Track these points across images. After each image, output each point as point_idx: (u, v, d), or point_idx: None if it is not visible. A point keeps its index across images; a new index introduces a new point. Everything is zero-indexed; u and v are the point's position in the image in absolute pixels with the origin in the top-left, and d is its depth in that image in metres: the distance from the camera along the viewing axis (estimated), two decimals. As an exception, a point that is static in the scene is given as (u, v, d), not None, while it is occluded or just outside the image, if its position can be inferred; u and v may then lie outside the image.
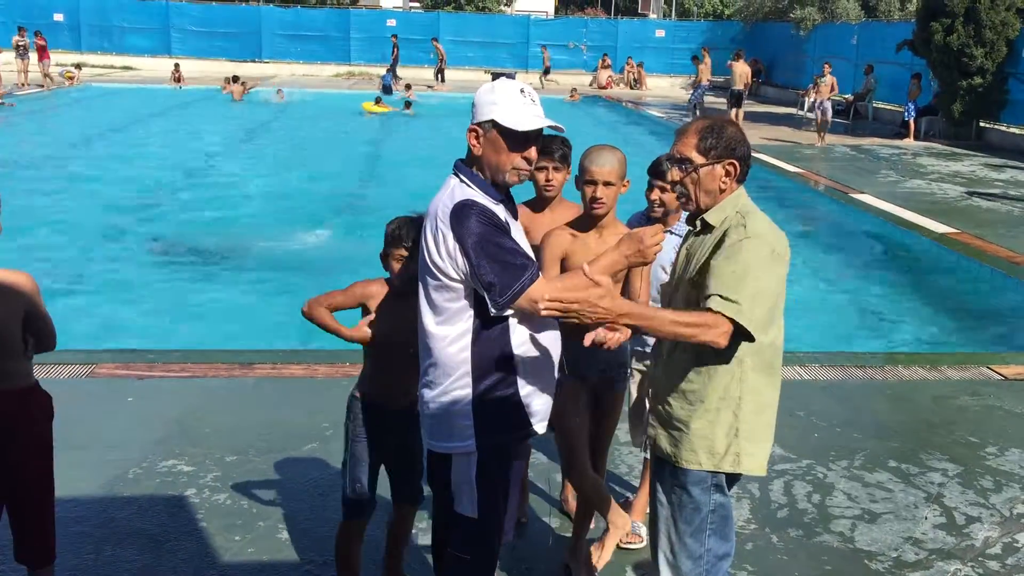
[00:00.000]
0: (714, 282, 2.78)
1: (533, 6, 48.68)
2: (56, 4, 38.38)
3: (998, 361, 7.16)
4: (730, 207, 2.95)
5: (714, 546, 3.01)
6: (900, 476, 5.10)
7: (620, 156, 3.63)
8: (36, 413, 3.44)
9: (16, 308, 3.30)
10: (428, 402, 3.02)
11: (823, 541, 4.42)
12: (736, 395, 2.91)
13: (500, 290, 2.80)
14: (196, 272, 10.31)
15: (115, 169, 15.89)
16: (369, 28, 37.80)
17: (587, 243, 3.61)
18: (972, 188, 15.33)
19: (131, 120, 22.51)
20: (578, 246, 3.59)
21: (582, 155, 3.66)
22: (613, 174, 3.57)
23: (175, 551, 4.17)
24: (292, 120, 23.84)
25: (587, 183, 3.60)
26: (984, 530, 4.56)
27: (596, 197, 3.57)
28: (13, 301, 3.29)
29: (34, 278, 3.39)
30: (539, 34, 38.62)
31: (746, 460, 2.98)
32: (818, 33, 31.17)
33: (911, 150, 20.18)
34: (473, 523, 3.02)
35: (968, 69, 20.61)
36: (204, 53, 34.22)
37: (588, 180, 3.59)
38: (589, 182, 3.59)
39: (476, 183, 2.93)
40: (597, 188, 3.57)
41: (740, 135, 2.97)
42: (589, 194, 3.60)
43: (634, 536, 4.30)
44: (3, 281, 3.28)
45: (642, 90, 35.52)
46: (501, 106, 2.88)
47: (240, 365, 6.44)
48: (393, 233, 3.55)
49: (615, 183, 3.59)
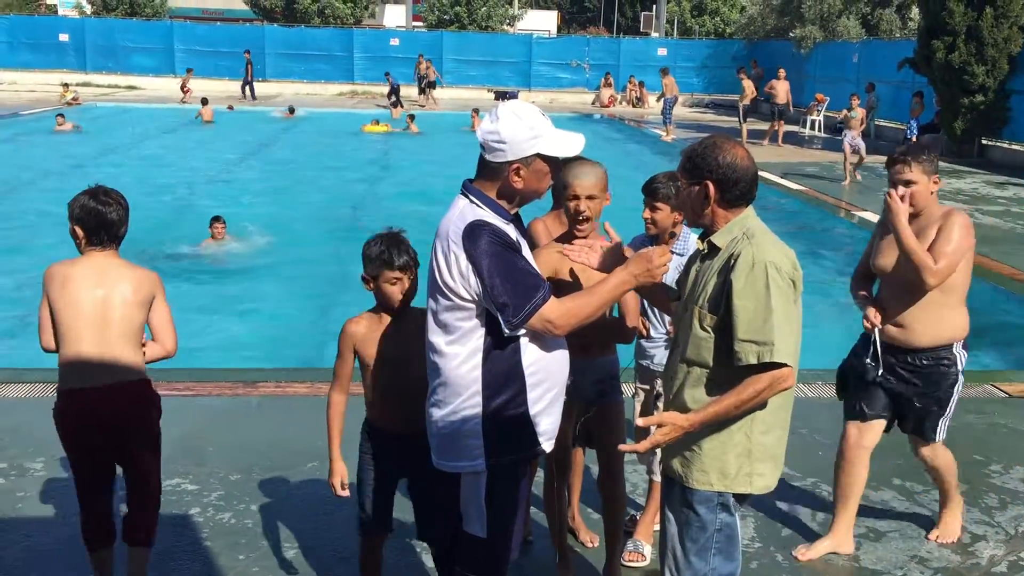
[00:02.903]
0: (742, 326, 2.81)
1: (536, 25, 48.98)
2: (61, 24, 38.68)
3: (1002, 379, 7.15)
4: (737, 228, 2.95)
5: (719, 565, 3.01)
6: (904, 494, 5.09)
7: (600, 170, 3.64)
8: (151, 408, 3.67)
9: (142, 300, 3.56)
10: (437, 421, 3.02)
11: (828, 560, 4.40)
12: (749, 417, 2.92)
13: (514, 310, 2.82)
14: (200, 291, 10.33)
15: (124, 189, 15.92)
16: (372, 47, 37.96)
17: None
18: (975, 205, 15.34)
19: (136, 139, 22.60)
20: (567, 263, 3.58)
21: (563, 170, 3.66)
22: (595, 187, 3.59)
23: (180, 569, 4.17)
24: (302, 136, 23.93)
25: (570, 198, 3.61)
26: (990, 548, 4.55)
27: (580, 211, 3.59)
28: (140, 293, 3.56)
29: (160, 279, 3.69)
30: (542, 53, 38.78)
31: (757, 480, 2.99)
32: (819, 52, 31.28)
33: (913, 168, 20.15)
34: (482, 543, 3.03)
35: (970, 87, 20.65)
36: (208, 72, 34.37)
37: (571, 195, 3.60)
38: (572, 197, 3.60)
39: (486, 203, 2.95)
40: (580, 202, 3.59)
41: (728, 158, 2.91)
42: (573, 208, 3.61)
43: (636, 554, 4.30)
44: (132, 275, 3.57)
45: (644, 108, 35.63)
46: (545, 137, 2.91)
47: (244, 384, 6.45)
48: (380, 256, 3.41)
49: (598, 196, 3.61)
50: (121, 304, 3.51)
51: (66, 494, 4.78)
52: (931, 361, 4.17)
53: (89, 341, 3.47)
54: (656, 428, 2.92)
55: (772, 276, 2.82)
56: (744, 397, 2.84)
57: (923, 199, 4.07)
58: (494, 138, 2.91)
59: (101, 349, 3.47)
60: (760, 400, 2.86)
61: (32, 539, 4.38)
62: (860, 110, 17.89)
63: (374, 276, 3.44)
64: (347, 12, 43.66)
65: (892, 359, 4.22)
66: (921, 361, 4.18)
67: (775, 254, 2.88)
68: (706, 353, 2.93)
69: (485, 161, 2.97)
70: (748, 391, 2.83)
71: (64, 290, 3.48)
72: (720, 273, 2.91)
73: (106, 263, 3.55)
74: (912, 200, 4.06)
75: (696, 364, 2.95)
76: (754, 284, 2.82)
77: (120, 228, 3.58)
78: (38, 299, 3.60)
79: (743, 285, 2.83)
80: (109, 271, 3.53)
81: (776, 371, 2.81)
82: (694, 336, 2.96)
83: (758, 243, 2.89)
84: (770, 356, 2.79)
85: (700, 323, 2.93)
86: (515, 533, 3.13)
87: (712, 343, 2.91)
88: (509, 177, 2.92)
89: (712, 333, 2.91)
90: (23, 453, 5.24)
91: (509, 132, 2.88)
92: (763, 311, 2.80)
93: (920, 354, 4.17)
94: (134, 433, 3.62)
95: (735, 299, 2.83)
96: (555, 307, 2.88)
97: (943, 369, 4.18)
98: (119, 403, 3.51)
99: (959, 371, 4.22)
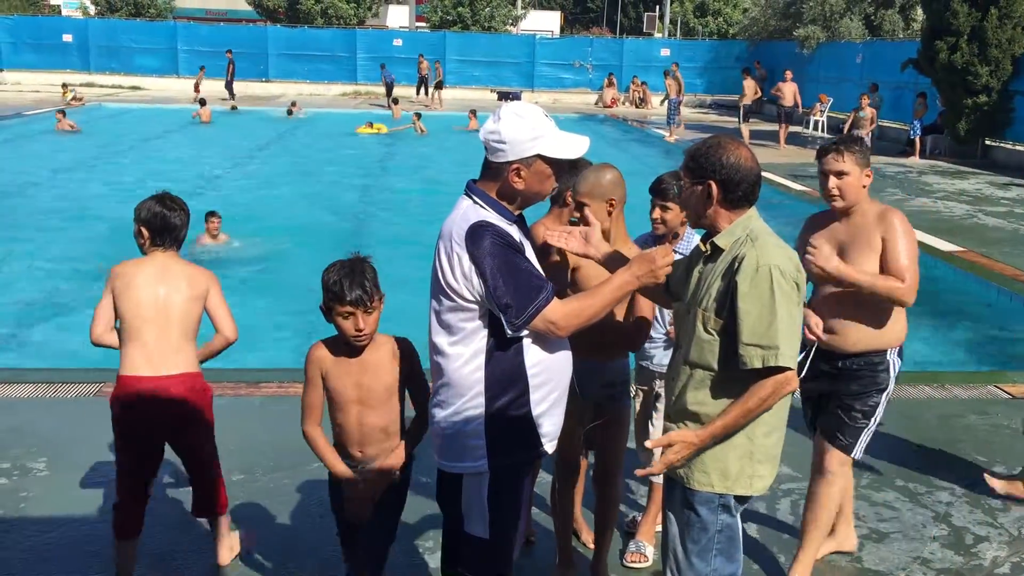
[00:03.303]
0: (746, 330, 2.82)
1: (539, 25, 48.98)
2: (65, 25, 38.75)
3: (1005, 380, 7.14)
4: (740, 230, 2.95)
5: (720, 566, 3.01)
6: (907, 495, 5.09)
7: (603, 177, 3.61)
8: (204, 399, 3.93)
9: (198, 295, 3.84)
10: (439, 421, 3.02)
11: (830, 560, 4.40)
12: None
13: (516, 311, 2.82)
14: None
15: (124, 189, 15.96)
16: (375, 48, 37.97)
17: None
18: (978, 206, 15.33)
19: (140, 139, 22.64)
20: (587, 260, 3.61)
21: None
22: (589, 195, 3.59)
23: (183, 569, 4.18)
24: (302, 136, 23.95)
25: (579, 205, 3.64)
26: (992, 549, 4.54)
27: (573, 215, 3.69)
28: (197, 288, 3.84)
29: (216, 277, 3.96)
30: (545, 53, 38.80)
31: (757, 482, 2.99)
32: (822, 52, 31.24)
33: (917, 168, 20.18)
34: (484, 543, 3.03)
35: (973, 87, 20.64)
36: (211, 73, 34.41)
37: (579, 202, 3.63)
38: (580, 204, 3.63)
39: (489, 204, 2.95)
40: (574, 207, 3.67)
41: (731, 158, 2.91)
42: (569, 211, 3.72)
43: (638, 555, 4.31)
44: (190, 273, 3.88)
45: (647, 109, 35.63)
46: (546, 138, 2.91)
47: (246, 384, 6.46)
48: (331, 287, 3.16)
49: (593, 203, 3.60)
50: (180, 300, 3.81)
51: (69, 495, 4.80)
52: (862, 365, 3.92)
53: (150, 335, 3.76)
54: (666, 447, 2.93)
55: (776, 280, 2.82)
56: (750, 406, 2.85)
57: (854, 191, 3.86)
58: (495, 138, 2.91)
59: (160, 342, 3.76)
60: (766, 407, 2.87)
61: (35, 539, 4.38)
62: (870, 109, 17.66)
63: (327, 308, 3.21)
64: (350, 12, 43.69)
65: (824, 365, 4.00)
66: (852, 365, 3.94)
67: (779, 257, 2.87)
68: (709, 355, 2.93)
69: (488, 161, 2.97)
70: (753, 400, 2.84)
71: (129, 288, 3.77)
72: (724, 276, 2.90)
73: (167, 262, 3.86)
74: (843, 192, 3.85)
75: (699, 366, 2.95)
76: (758, 288, 2.82)
77: (181, 231, 3.90)
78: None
79: (747, 289, 2.82)
80: (170, 269, 3.84)
81: (779, 375, 2.82)
82: (697, 338, 2.95)
83: (762, 245, 2.88)
84: (774, 360, 2.79)
85: (704, 326, 2.93)
86: (517, 534, 3.13)
87: (715, 346, 2.91)
88: (509, 177, 2.92)
89: (716, 336, 2.91)
90: (26, 453, 5.25)
91: (510, 132, 2.88)
92: (767, 315, 2.80)
93: (852, 358, 3.94)
94: (189, 422, 3.88)
95: (740, 303, 2.83)
96: (558, 308, 2.89)
97: (874, 374, 3.93)
98: (174, 393, 3.76)
99: (891, 378, 3.97)
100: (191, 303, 3.83)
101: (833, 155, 3.87)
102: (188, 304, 3.82)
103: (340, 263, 3.22)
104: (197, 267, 3.96)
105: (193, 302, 3.84)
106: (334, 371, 3.30)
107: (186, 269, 3.90)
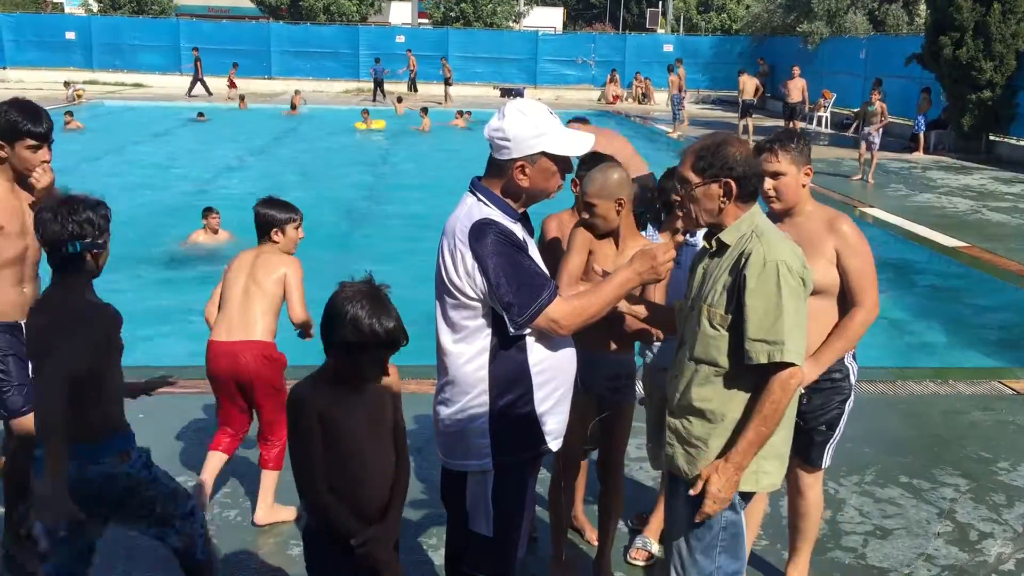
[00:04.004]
0: (753, 325, 2.81)
1: (541, 22, 48.90)
2: (68, 22, 38.77)
3: (1010, 375, 7.14)
4: (745, 226, 2.94)
5: (724, 563, 3.00)
6: (912, 491, 5.08)
7: (610, 178, 3.60)
8: (272, 364, 4.51)
9: (277, 279, 4.53)
10: (444, 420, 3.02)
11: (835, 557, 4.40)
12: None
13: (519, 310, 2.82)
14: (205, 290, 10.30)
15: (126, 187, 15.97)
16: (378, 44, 37.96)
17: (605, 251, 3.68)
18: (982, 202, 15.30)
19: (142, 138, 22.65)
20: (597, 247, 3.67)
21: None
22: (596, 195, 3.60)
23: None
24: (303, 133, 23.94)
25: (587, 206, 3.66)
26: (997, 546, 4.53)
27: (580, 213, 3.76)
28: (275, 273, 4.54)
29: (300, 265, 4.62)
30: (548, 50, 38.76)
31: (763, 479, 2.98)
32: (826, 47, 31.20)
33: (921, 164, 20.16)
34: (488, 542, 3.03)
35: (977, 83, 20.61)
36: (214, 70, 34.42)
37: (588, 203, 3.65)
38: (588, 205, 3.65)
39: (494, 202, 2.94)
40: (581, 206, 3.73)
41: (740, 154, 2.91)
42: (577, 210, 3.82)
43: (642, 551, 4.30)
44: (274, 260, 4.59)
45: (650, 105, 35.59)
46: (550, 135, 2.90)
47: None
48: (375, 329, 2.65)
49: (599, 204, 3.62)
50: (262, 281, 4.53)
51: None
52: (823, 380, 3.67)
53: (231, 307, 4.54)
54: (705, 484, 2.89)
55: (783, 275, 2.81)
56: (765, 413, 2.84)
57: (792, 192, 3.61)
58: (499, 135, 2.90)
59: (241, 315, 4.51)
60: (782, 407, 2.85)
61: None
62: (881, 104, 17.51)
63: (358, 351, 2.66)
64: (353, 9, 43.68)
65: None
66: (815, 383, 3.66)
67: (786, 252, 2.87)
68: (715, 351, 2.92)
69: (493, 159, 2.97)
70: (766, 406, 2.83)
71: (229, 271, 4.66)
72: (731, 271, 2.90)
73: (262, 252, 4.64)
74: (779, 193, 3.60)
75: (704, 362, 2.94)
76: (765, 283, 2.81)
77: (272, 228, 4.62)
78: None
79: (755, 284, 2.82)
80: (261, 256, 4.62)
81: (783, 372, 2.81)
82: (703, 334, 2.94)
83: (768, 241, 2.88)
84: (780, 355, 2.78)
85: (710, 321, 2.92)
86: (522, 532, 3.12)
87: (721, 341, 2.90)
88: (514, 175, 2.92)
89: (722, 331, 2.90)
90: (30, 451, 5.25)
91: (514, 129, 2.88)
92: (774, 310, 2.79)
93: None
94: (256, 381, 4.48)
95: (747, 298, 2.82)
96: (560, 306, 2.88)
97: (835, 385, 3.74)
98: (244, 356, 4.45)
99: (851, 384, 3.78)
100: (271, 285, 4.53)
101: (767, 155, 3.58)
102: (269, 285, 4.53)
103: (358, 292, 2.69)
104: (284, 256, 4.62)
105: (273, 284, 4.54)
106: (328, 415, 2.73)
107: (273, 258, 4.60)
